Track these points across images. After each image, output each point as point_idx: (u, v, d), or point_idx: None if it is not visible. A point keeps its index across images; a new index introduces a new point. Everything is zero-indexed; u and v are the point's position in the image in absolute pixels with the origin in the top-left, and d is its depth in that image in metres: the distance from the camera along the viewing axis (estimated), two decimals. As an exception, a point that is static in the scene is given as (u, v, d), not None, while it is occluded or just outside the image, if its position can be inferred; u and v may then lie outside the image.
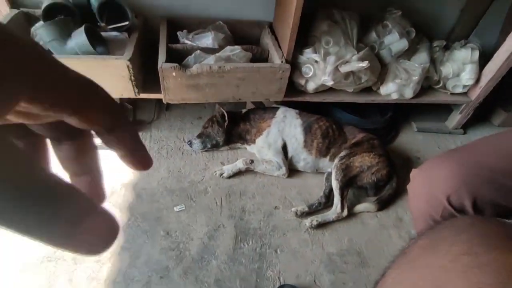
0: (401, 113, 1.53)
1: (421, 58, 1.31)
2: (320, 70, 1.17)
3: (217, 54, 1.08)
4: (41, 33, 0.94)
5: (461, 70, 1.33)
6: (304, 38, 1.23)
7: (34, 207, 0.11)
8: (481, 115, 1.55)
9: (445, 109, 1.55)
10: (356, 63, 1.14)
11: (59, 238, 0.12)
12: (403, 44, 1.26)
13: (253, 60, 1.17)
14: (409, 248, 0.36)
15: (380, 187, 1.20)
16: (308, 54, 1.17)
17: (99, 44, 1.01)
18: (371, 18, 1.33)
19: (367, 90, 1.33)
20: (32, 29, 1.07)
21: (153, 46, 1.21)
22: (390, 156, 1.23)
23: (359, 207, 1.15)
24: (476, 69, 1.31)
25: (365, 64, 1.12)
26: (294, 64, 1.17)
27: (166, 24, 1.21)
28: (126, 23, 1.08)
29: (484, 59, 1.33)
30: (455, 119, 1.50)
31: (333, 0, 1.29)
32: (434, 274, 0.30)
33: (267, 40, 1.27)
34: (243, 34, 1.36)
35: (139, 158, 0.18)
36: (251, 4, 1.34)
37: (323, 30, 1.18)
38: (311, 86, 1.23)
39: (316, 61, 1.17)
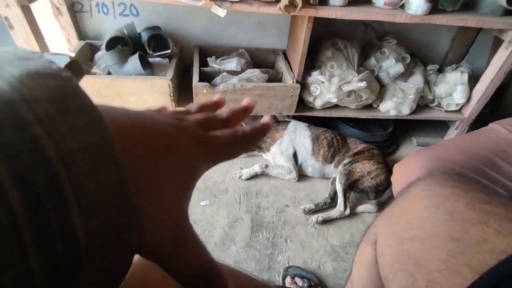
0: (401, 128, 1.70)
1: (416, 80, 1.50)
2: (325, 89, 1.38)
3: (239, 75, 1.32)
4: (105, 59, 1.22)
5: (453, 91, 1.51)
6: (312, 62, 1.46)
7: None
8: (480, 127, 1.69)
9: (443, 125, 1.71)
10: (356, 83, 1.34)
11: None
12: (399, 67, 1.46)
13: (269, 80, 1.41)
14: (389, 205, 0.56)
15: (380, 191, 1.36)
16: (315, 76, 1.39)
17: (147, 68, 1.28)
18: (370, 46, 1.55)
19: (368, 107, 1.52)
20: (96, 56, 1.36)
21: (187, 69, 1.48)
22: (389, 164, 1.39)
23: (360, 208, 1.31)
24: (467, 89, 1.49)
25: (363, 84, 1.32)
26: (303, 84, 1.39)
27: (198, 51, 1.47)
28: (168, 51, 1.35)
29: (475, 81, 1.50)
30: (452, 134, 1.65)
31: (336, 31, 1.53)
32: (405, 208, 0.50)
33: (281, 64, 1.51)
34: (261, 59, 1.61)
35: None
36: (268, 35, 1.59)
37: (328, 56, 1.40)
38: (318, 103, 1.44)
39: (322, 82, 1.38)
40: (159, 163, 0.18)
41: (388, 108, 1.50)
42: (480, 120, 1.60)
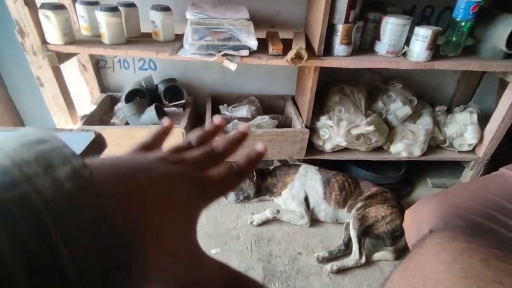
0: (415, 170, 1.68)
1: (425, 121, 1.51)
2: (334, 133, 1.41)
3: (250, 122, 1.37)
4: (124, 110, 1.30)
5: (464, 131, 1.51)
6: (320, 107, 1.50)
7: None
8: (495, 169, 1.65)
9: (458, 166, 1.68)
10: (365, 127, 1.36)
11: None
12: (406, 110, 1.48)
13: (279, 126, 1.45)
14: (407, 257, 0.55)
15: (396, 237, 1.30)
16: (324, 120, 1.42)
17: (163, 117, 1.35)
18: (376, 90, 1.59)
19: (379, 149, 1.53)
20: (116, 107, 1.45)
21: (200, 116, 1.55)
22: (404, 208, 1.35)
23: (377, 255, 1.25)
24: (478, 129, 1.48)
25: (371, 127, 1.34)
26: (312, 129, 1.42)
27: (211, 100, 1.55)
28: (183, 101, 1.43)
29: (485, 120, 1.50)
30: (467, 175, 1.61)
31: (342, 77, 1.59)
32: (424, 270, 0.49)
33: (290, 110, 1.56)
34: (270, 105, 1.67)
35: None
36: (277, 82, 1.68)
37: (335, 101, 1.45)
38: (328, 146, 1.46)
39: (331, 126, 1.41)
40: (156, 209, 0.19)
41: (399, 150, 1.50)
42: (496, 160, 1.57)
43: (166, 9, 1.24)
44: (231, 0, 1.42)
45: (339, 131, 1.39)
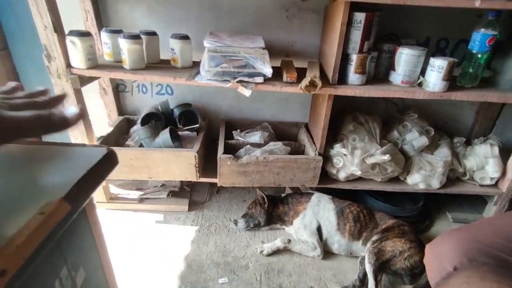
0: (433, 203, 1.60)
1: (443, 152, 1.46)
2: (348, 162, 1.38)
3: (263, 148, 1.37)
4: (140, 133, 1.32)
5: (485, 164, 1.45)
6: (334, 135, 1.49)
7: None
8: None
9: (480, 200, 1.59)
10: (380, 156, 1.33)
11: None
12: (423, 140, 1.45)
13: (292, 153, 1.43)
14: None
15: (416, 274, 1.21)
16: (338, 149, 1.40)
17: (176, 141, 1.36)
18: (392, 120, 1.57)
19: (395, 179, 1.48)
20: (131, 129, 1.48)
21: (213, 140, 1.56)
22: (423, 243, 1.27)
23: (395, 294, 1.17)
24: (500, 162, 1.42)
25: (387, 157, 1.31)
26: (326, 156, 1.40)
27: (224, 125, 1.56)
28: (197, 125, 1.45)
29: (507, 153, 1.44)
30: (491, 210, 1.52)
31: (357, 105, 1.59)
32: None
33: (303, 137, 1.55)
34: (283, 132, 1.67)
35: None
36: (291, 109, 1.68)
37: (349, 130, 1.43)
38: (342, 175, 1.42)
39: (345, 154, 1.39)
40: None
41: (416, 181, 1.44)
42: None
43: (185, 37, 1.29)
44: (248, 31, 1.47)
45: (353, 159, 1.36)
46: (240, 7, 1.43)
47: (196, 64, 1.35)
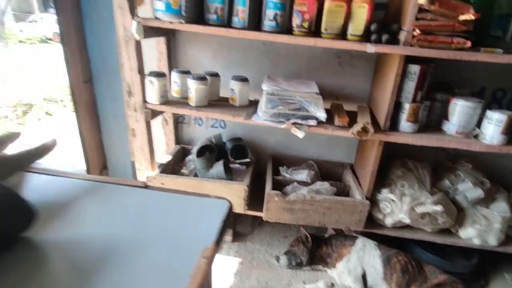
0: (489, 261, 1.49)
1: (500, 207, 1.39)
2: (397, 208, 1.36)
3: (309, 186, 1.40)
4: (195, 163, 1.43)
5: (550, 224, 1.34)
6: (381, 179, 1.48)
7: None
8: None
9: (545, 264, 1.45)
10: (431, 206, 1.30)
11: None
12: (478, 192, 1.39)
13: (337, 193, 1.45)
14: None
15: None
16: (385, 194, 1.39)
17: (228, 173, 1.45)
18: (443, 168, 1.53)
19: (446, 231, 1.41)
20: (187, 158, 1.60)
21: (260, 173, 1.62)
22: (479, 305, 1.19)
23: None
24: None
25: (439, 208, 1.27)
26: (372, 200, 1.39)
27: (271, 160, 1.63)
28: (248, 160, 1.53)
29: None
30: (559, 276, 1.38)
31: (406, 150, 1.58)
32: None
33: (349, 178, 1.57)
34: (328, 171, 1.69)
35: None
36: (337, 149, 1.72)
37: (398, 175, 1.43)
38: (389, 221, 1.40)
39: (393, 200, 1.37)
40: None
41: (470, 235, 1.37)
42: None
43: (244, 80, 1.42)
44: (301, 74, 1.58)
45: (402, 206, 1.34)
46: (295, 54, 1.55)
47: (252, 103, 1.47)
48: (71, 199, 0.40)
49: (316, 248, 1.41)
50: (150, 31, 1.26)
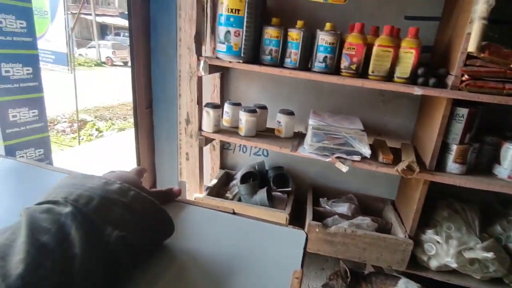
0: (548, 319, 1.37)
1: (561, 260, 1.29)
2: (443, 251, 1.32)
3: (350, 220, 1.42)
4: (240, 189, 1.52)
5: None
6: (425, 218, 1.46)
7: None
8: None
9: None
10: (482, 252, 1.25)
11: None
12: (534, 242, 1.31)
13: (378, 230, 1.44)
14: None
15: None
16: (430, 234, 1.36)
17: (271, 201, 1.51)
18: (492, 211, 1.47)
19: (498, 280, 1.33)
20: (231, 183, 1.70)
21: (300, 204, 1.67)
22: None
23: None
24: None
25: (490, 255, 1.22)
26: (416, 240, 1.37)
27: (311, 191, 1.68)
28: (289, 189, 1.59)
29: None
30: None
31: (452, 190, 1.54)
32: None
33: (390, 215, 1.55)
34: (367, 205, 1.69)
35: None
36: (377, 184, 1.72)
37: (443, 216, 1.40)
38: (433, 264, 1.36)
39: (438, 242, 1.34)
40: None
41: (526, 288, 1.28)
42: None
43: (291, 113, 1.51)
44: (344, 110, 1.64)
45: (448, 249, 1.30)
46: (338, 90, 1.63)
47: (296, 135, 1.55)
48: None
49: (355, 284, 1.39)
50: (210, 68, 1.41)
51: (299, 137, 1.53)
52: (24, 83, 1.90)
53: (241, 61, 1.34)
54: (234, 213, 0.54)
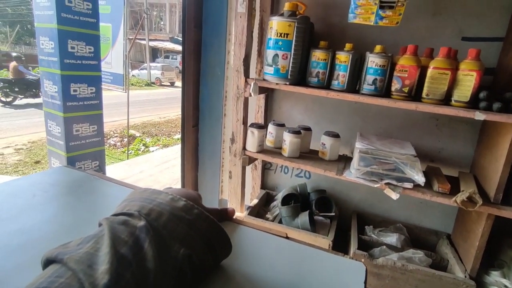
0: None
1: None
2: (511, 297, 1.16)
3: (400, 253, 1.31)
4: (282, 211, 1.49)
5: None
6: (488, 257, 1.30)
7: None
8: None
9: None
10: (562, 304, 1.07)
11: None
12: None
13: (432, 266, 1.31)
14: None
15: None
16: (496, 277, 1.21)
17: (313, 225, 1.46)
18: None
19: None
20: (272, 204, 1.68)
21: (343, 230, 1.59)
22: None
23: None
24: None
25: None
26: (479, 282, 1.22)
27: (356, 217, 1.59)
28: (333, 214, 1.53)
29: None
30: None
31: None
32: None
33: (446, 250, 1.41)
34: (418, 238, 1.56)
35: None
36: (429, 215, 1.59)
37: (511, 257, 1.23)
38: (500, 311, 1.19)
39: (506, 286, 1.18)
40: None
41: None
42: None
43: (336, 135, 1.48)
44: (392, 134, 1.57)
45: (519, 296, 1.14)
46: (386, 113, 1.57)
47: (341, 158, 1.50)
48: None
49: (405, 325, 1.27)
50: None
51: (344, 160, 1.48)
52: (87, 101, 2.11)
53: (287, 83, 1.35)
54: (287, 237, 0.53)
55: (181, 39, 1.86)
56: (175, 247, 0.33)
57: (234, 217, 0.56)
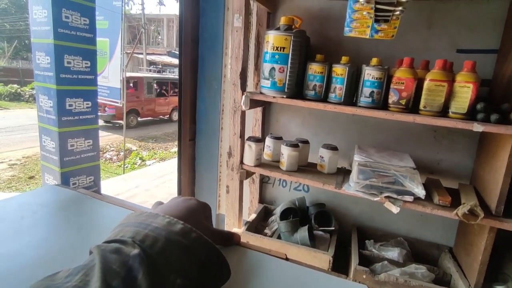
0: None
1: None
2: (518, 314, 1.12)
3: (402, 268, 1.28)
4: (280, 226, 1.46)
5: None
6: (491, 270, 1.27)
7: None
8: None
9: None
10: None
11: None
12: None
13: (435, 281, 1.28)
14: None
15: None
16: (501, 292, 1.18)
17: (312, 240, 1.43)
18: None
19: None
20: (270, 219, 1.65)
21: (343, 245, 1.55)
22: None
23: None
24: None
25: None
26: (484, 298, 1.19)
27: (356, 232, 1.56)
28: (332, 228, 1.50)
29: None
30: None
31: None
32: None
33: (449, 265, 1.38)
34: (419, 252, 1.53)
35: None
36: (430, 228, 1.56)
37: (516, 271, 1.21)
38: (507, 328, 1.15)
39: (512, 302, 1.15)
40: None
41: None
42: None
43: (334, 148, 1.47)
44: (390, 145, 1.56)
45: (526, 312, 1.11)
46: (383, 124, 1.56)
47: (339, 171, 1.49)
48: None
49: None
50: (253, 103, 1.44)
51: (343, 173, 1.47)
52: (83, 116, 2.09)
53: (284, 96, 1.35)
54: (286, 258, 0.51)
55: (178, 53, 1.87)
56: (170, 277, 0.31)
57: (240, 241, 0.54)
